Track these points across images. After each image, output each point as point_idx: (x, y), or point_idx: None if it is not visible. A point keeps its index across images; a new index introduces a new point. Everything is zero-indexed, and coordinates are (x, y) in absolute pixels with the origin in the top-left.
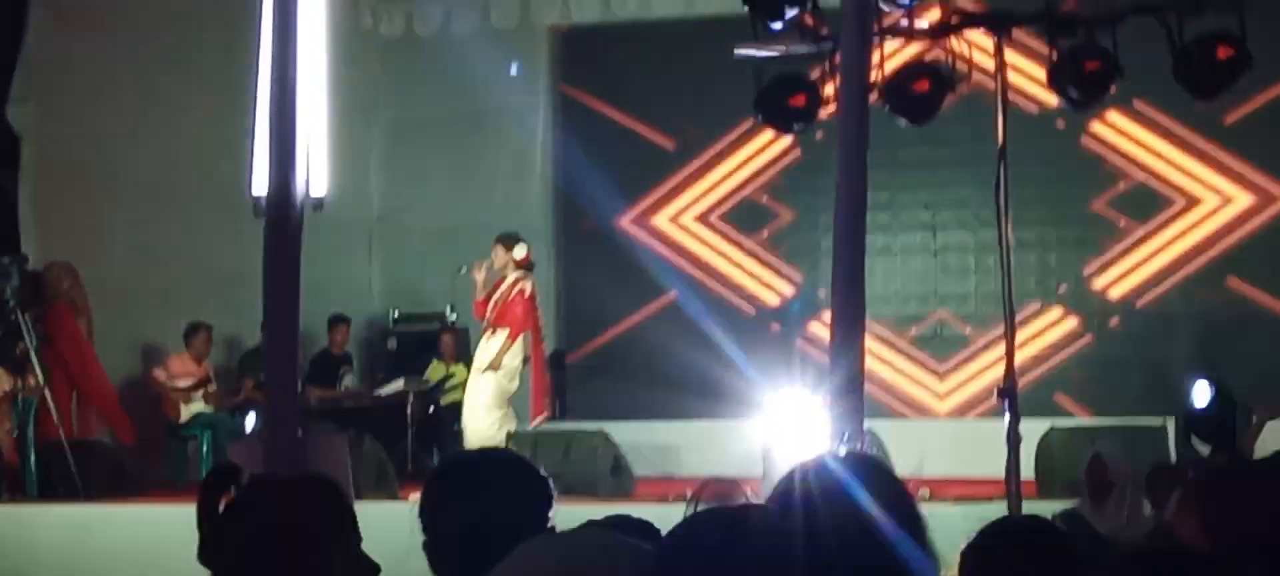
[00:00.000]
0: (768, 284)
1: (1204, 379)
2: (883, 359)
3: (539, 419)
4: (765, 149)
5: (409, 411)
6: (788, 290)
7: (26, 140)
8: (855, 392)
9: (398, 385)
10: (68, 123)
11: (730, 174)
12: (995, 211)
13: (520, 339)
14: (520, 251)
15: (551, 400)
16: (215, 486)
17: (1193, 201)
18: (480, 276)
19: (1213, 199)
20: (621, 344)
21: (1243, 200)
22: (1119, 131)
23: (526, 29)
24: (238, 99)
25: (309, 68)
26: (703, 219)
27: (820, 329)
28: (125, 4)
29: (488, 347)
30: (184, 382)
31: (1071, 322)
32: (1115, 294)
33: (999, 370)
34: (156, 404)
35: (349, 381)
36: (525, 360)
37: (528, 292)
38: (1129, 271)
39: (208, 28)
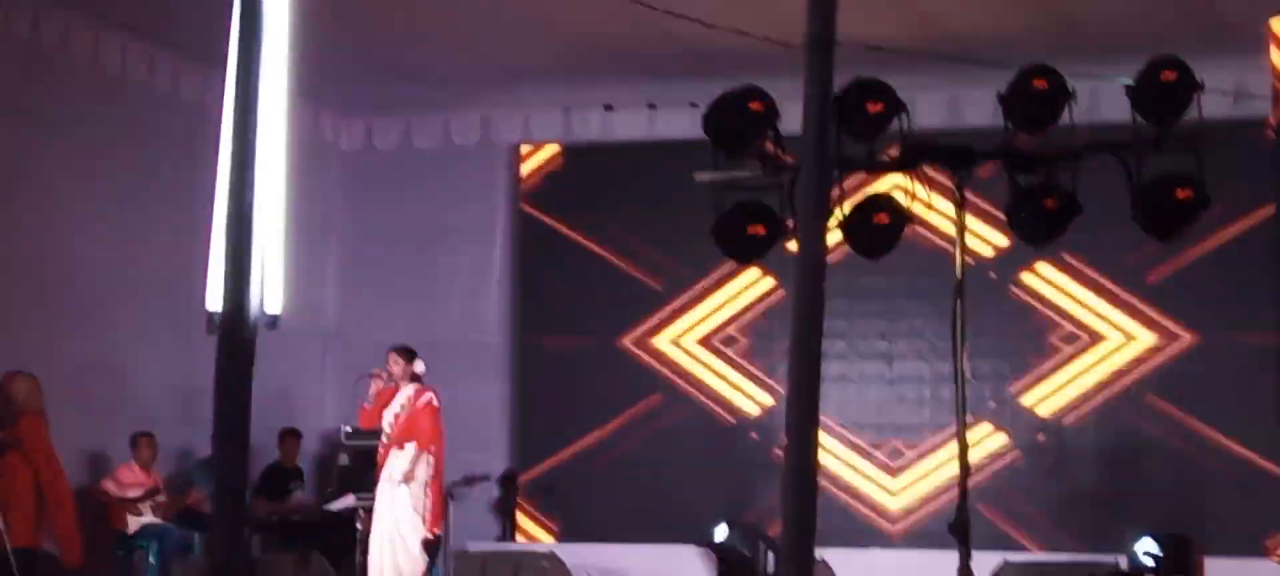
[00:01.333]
0: (748, 394)
1: (1148, 535)
2: (839, 484)
3: (437, 531)
4: (735, 282)
5: (358, 526)
6: (768, 400)
7: None
8: (806, 522)
9: (348, 500)
10: (22, 228)
11: (701, 299)
12: (950, 344)
13: (424, 452)
14: (420, 365)
15: (445, 518)
16: None
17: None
18: (375, 387)
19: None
20: (576, 463)
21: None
22: (1048, 282)
23: (487, 146)
24: (194, 210)
25: (267, 180)
26: (677, 342)
27: None
28: (82, 111)
29: (398, 461)
30: (134, 492)
31: (1000, 439)
32: (1043, 412)
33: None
34: (103, 513)
35: (299, 494)
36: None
37: (436, 404)
38: (1055, 391)
39: (167, 138)
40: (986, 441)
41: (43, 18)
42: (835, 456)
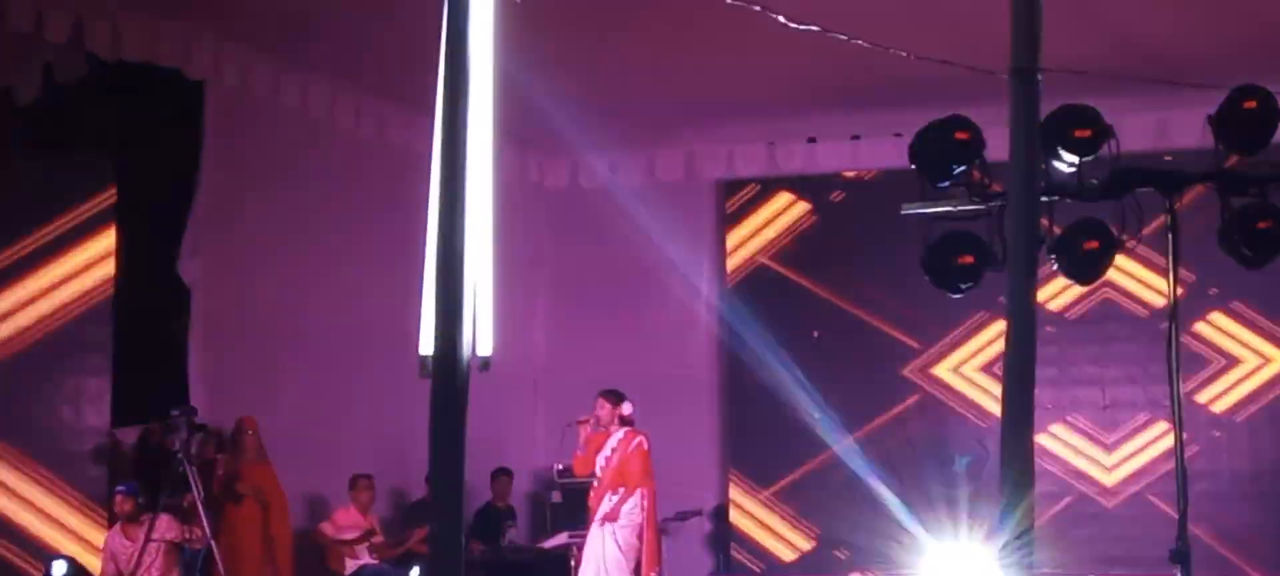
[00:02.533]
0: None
1: None
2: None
3: (654, 573)
4: None
5: (572, 564)
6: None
7: (196, 293)
8: (1027, 549)
9: (561, 538)
10: (236, 276)
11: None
12: (1166, 370)
13: (637, 493)
14: (627, 408)
15: (662, 557)
16: None
17: None
18: (585, 432)
19: None
20: (786, 496)
21: None
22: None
23: (691, 181)
24: (404, 254)
25: (476, 222)
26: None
27: None
28: (293, 160)
29: (610, 504)
30: (351, 534)
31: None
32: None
33: None
34: (321, 556)
35: (512, 534)
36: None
37: (646, 447)
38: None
39: (375, 182)
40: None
41: (251, 70)
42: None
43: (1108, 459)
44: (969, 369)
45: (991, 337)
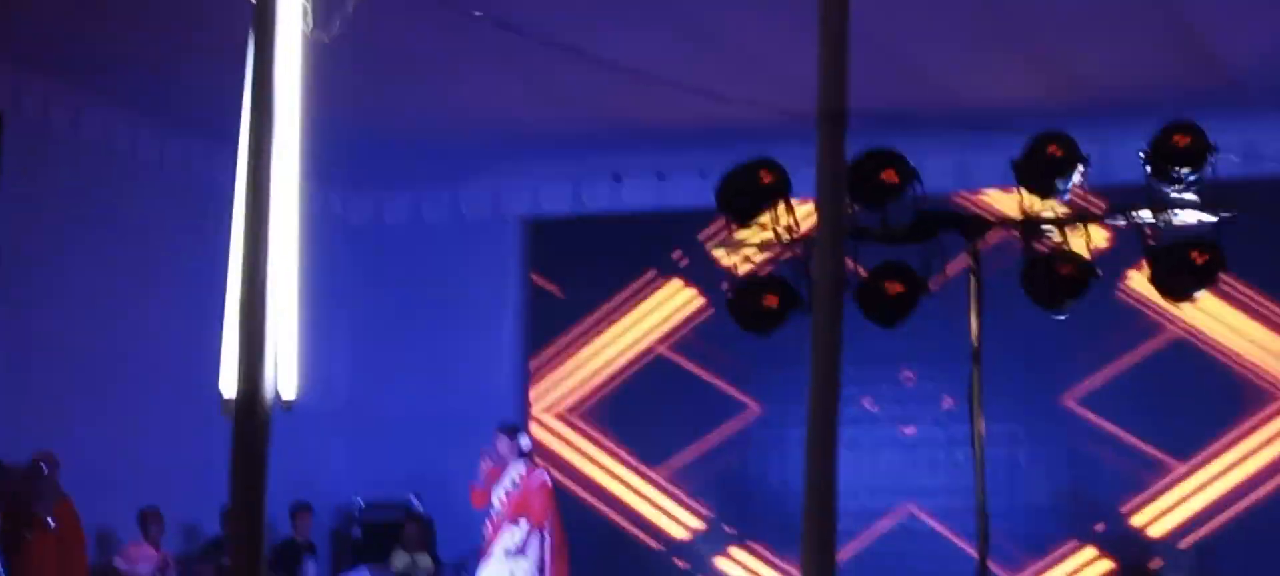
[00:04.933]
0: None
1: None
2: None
3: None
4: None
5: None
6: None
7: None
8: None
9: (361, 574)
10: (29, 310)
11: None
12: (969, 409)
13: (537, 529)
14: (525, 441)
15: None
16: None
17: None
18: (484, 467)
19: None
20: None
21: None
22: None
23: (496, 219)
24: (207, 291)
25: (279, 257)
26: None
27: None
28: (94, 194)
29: (511, 536)
30: (145, 568)
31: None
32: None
33: None
34: None
35: (312, 570)
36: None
37: (549, 482)
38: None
39: (179, 217)
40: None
41: (52, 101)
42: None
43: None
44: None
45: None
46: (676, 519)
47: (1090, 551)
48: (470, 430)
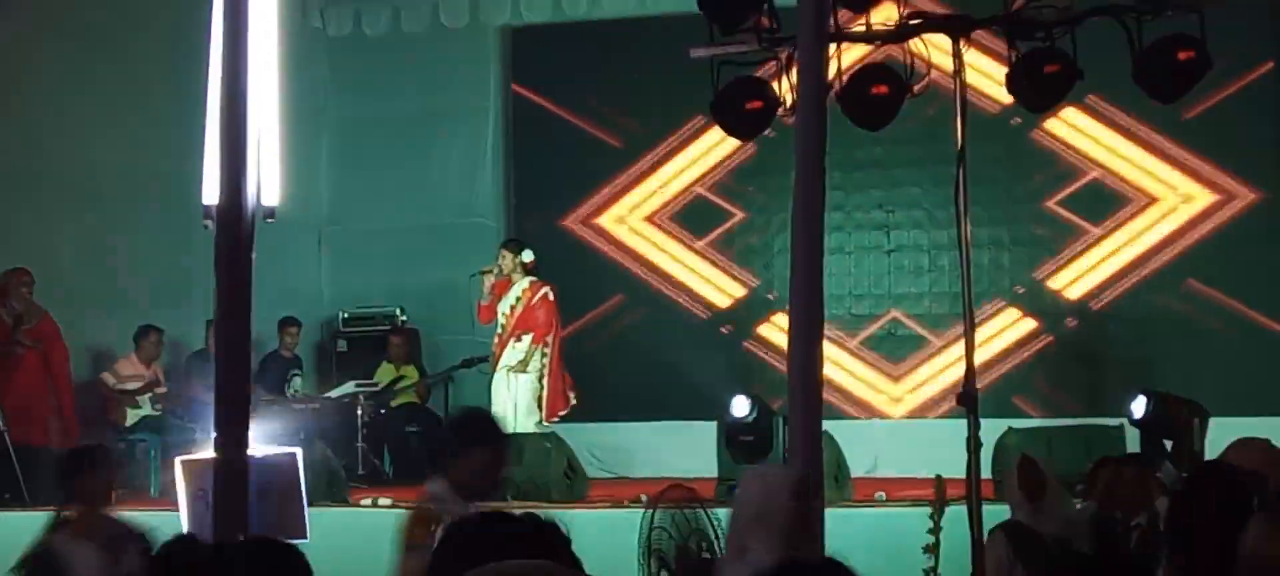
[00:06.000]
0: (718, 286)
1: (1141, 393)
2: (836, 362)
3: (557, 416)
4: (716, 148)
5: (360, 414)
6: (739, 292)
7: None
8: (813, 399)
9: (348, 387)
10: (10, 127)
11: (680, 173)
12: (951, 212)
13: (543, 341)
14: (528, 255)
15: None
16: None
17: (1150, 200)
18: (488, 282)
19: (1171, 197)
20: (573, 344)
21: (1202, 198)
22: (1075, 128)
23: (476, 28)
24: (187, 104)
25: (258, 71)
26: (652, 219)
27: (770, 331)
28: (70, 9)
29: (514, 352)
30: (133, 385)
31: (1029, 324)
32: (1072, 294)
33: (953, 372)
34: (103, 408)
35: (298, 383)
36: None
37: (552, 297)
38: (1086, 272)
39: (155, 33)
40: (1012, 327)
41: None
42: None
43: None
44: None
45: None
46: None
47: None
48: (454, 242)
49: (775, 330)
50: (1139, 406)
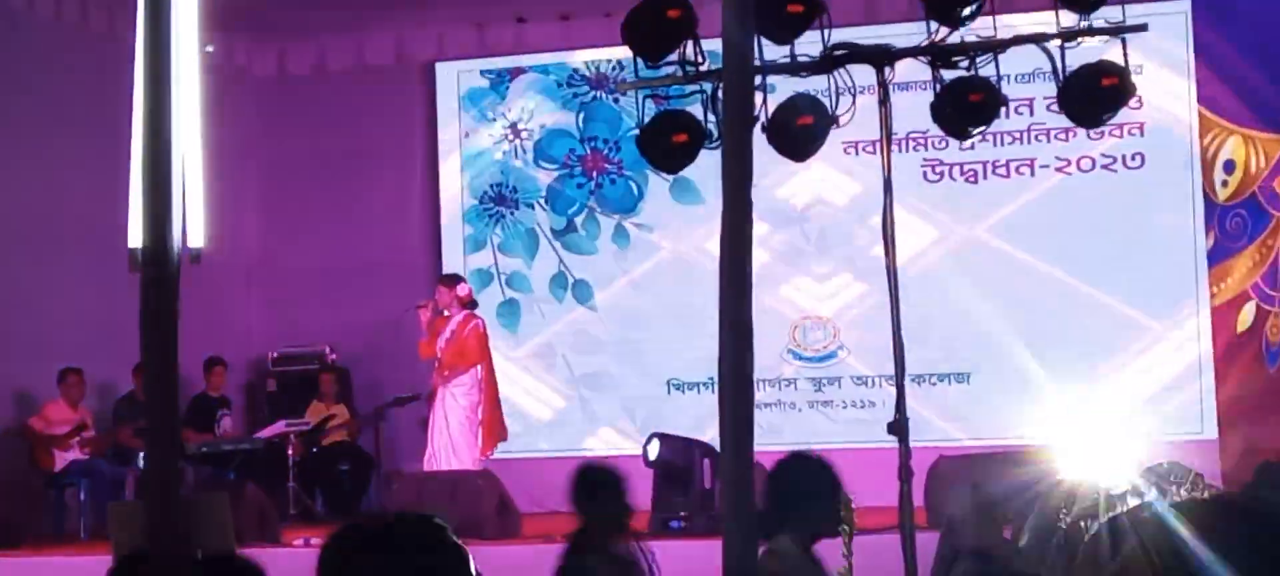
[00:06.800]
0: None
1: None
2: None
3: (490, 452)
4: None
5: (290, 453)
6: None
7: None
8: (743, 443)
9: (279, 427)
10: None
11: None
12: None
13: (472, 373)
14: (463, 289)
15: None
16: None
17: None
18: (426, 317)
19: None
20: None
21: None
22: None
23: (402, 65)
24: (110, 143)
25: (183, 111)
26: None
27: None
28: None
29: (453, 382)
30: (61, 429)
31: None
32: None
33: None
34: (30, 453)
35: (227, 423)
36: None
37: (482, 329)
38: None
39: (79, 72)
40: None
41: None
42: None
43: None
44: None
45: None
46: None
47: None
48: (382, 280)
49: None
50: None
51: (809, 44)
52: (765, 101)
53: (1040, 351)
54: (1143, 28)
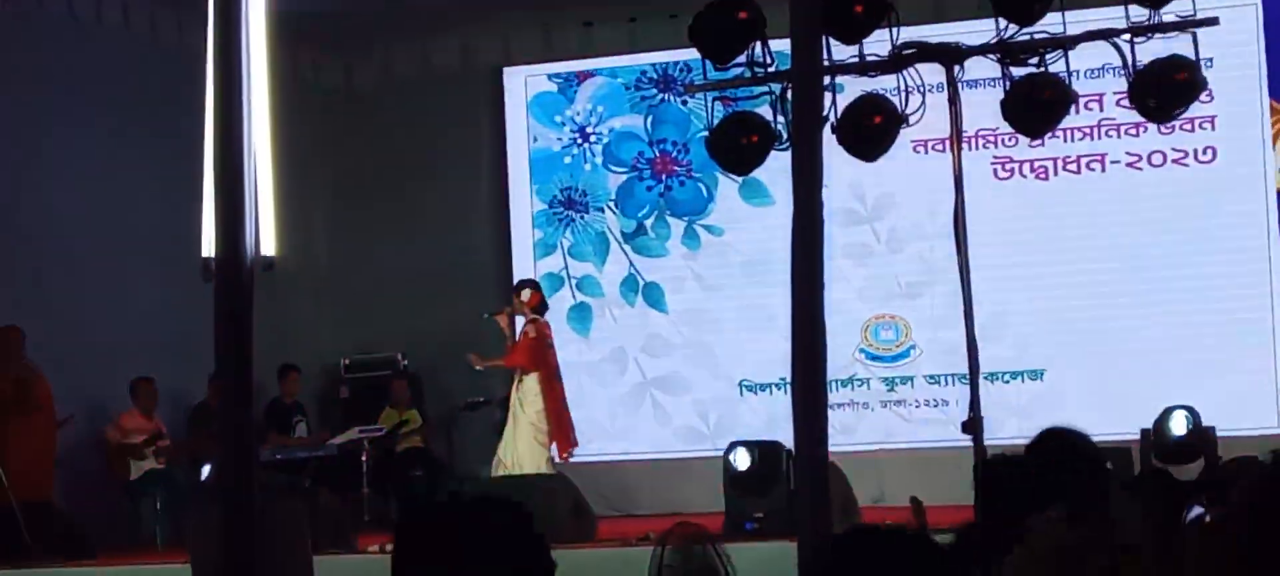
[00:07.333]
0: None
1: None
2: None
3: (566, 455)
4: None
5: (364, 460)
6: None
7: None
8: (817, 443)
9: (353, 434)
10: (7, 181)
11: None
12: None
13: (534, 378)
14: (526, 294)
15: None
16: None
17: None
18: (504, 323)
19: None
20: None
21: None
22: None
23: (468, 71)
24: (182, 153)
25: (253, 123)
26: None
27: None
28: (68, 62)
29: (518, 393)
30: (137, 438)
31: None
32: None
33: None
34: (108, 462)
35: (302, 430)
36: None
37: (533, 334)
38: None
39: (151, 84)
40: None
41: None
42: None
43: None
44: None
45: None
46: None
47: None
48: (453, 286)
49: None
50: None
51: (877, 43)
52: (835, 101)
53: (1113, 347)
54: (1214, 21)
